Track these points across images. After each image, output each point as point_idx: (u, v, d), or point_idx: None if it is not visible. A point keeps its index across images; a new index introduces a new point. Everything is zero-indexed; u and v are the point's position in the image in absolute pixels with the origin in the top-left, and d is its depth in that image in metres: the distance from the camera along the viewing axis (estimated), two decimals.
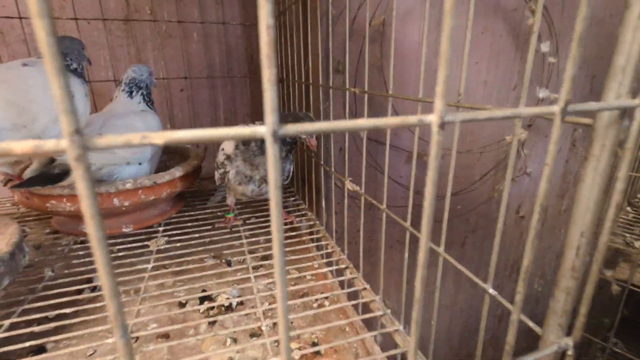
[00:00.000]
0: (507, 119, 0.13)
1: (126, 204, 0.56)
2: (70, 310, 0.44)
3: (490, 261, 0.26)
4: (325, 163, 0.66)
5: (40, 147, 0.08)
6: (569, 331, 0.21)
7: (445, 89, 0.12)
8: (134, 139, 0.09)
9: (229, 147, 0.64)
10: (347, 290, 0.52)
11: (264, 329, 0.43)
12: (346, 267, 0.55)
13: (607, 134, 0.16)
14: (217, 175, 0.66)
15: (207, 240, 0.62)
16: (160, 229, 0.65)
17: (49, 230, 0.67)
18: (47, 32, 0.07)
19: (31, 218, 0.71)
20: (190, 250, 0.59)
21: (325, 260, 0.60)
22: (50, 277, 0.52)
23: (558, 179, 1.18)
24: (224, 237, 0.64)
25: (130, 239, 0.61)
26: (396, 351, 0.40)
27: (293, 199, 0.83)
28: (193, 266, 0.55)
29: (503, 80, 1.03)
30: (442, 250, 0.32)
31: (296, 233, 0.67)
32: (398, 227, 0.97)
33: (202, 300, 0.50)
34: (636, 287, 0.91)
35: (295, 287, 0.54)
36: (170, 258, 0.57)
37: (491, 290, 0.26)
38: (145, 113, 0.66)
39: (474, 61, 0.98)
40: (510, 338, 0.17)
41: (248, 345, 0.43)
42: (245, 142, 0.60)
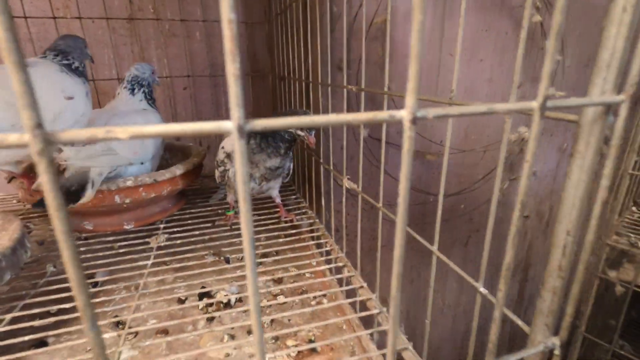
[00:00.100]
0: (483, 115, 0.13)
1: (127, 201, 0.57)
2: (71, 305, 0.45)
3: (482, 259, 0.26)
4: (325, 161, 0.66)
5: (3, 140, 0.09)
6: (558, 331, 0.20)
7: (417, 85, 0.12)
8: (99, 133, 0.09)
9: (229, 145, 0.64)
10: (345, 288, 0.52)
11: None
12: (344, 266, 0.55)
13: (592, 131, 0.16)
14: (217, 173, 0.66)
15: (207, 237, 0.63)
16: (161, 226, 0.66)
17: (52, 227, 0.68)
18: (4, 28, 0.07)
19: (36, 215, 0.73)
20: (191, 247, 0.60)
21: (324, 258, 0.60)
22: (52, 272, 0.53)
23: (563, 177, 1.17)
24: (224, 234, 0.64)
25: (131, 235, 0.62)
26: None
27: (294, 197, 0.83)
28: (193, 263, 0.56)
29: (508, 78, 1.01)
30: (435, 248, 0.32)
31: (296, 231, 0.67)
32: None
33: (201, 297, 0.51)
34: None
35: (294, 285, 0.54)
36: (170, 255, 0.57)
37: (482, 289, 0.26)
38: (146, 112, 0.67)
39: (478, 59, 0.97)
40: (493, 337, 0.17)
41: (245, 342, 0.43)
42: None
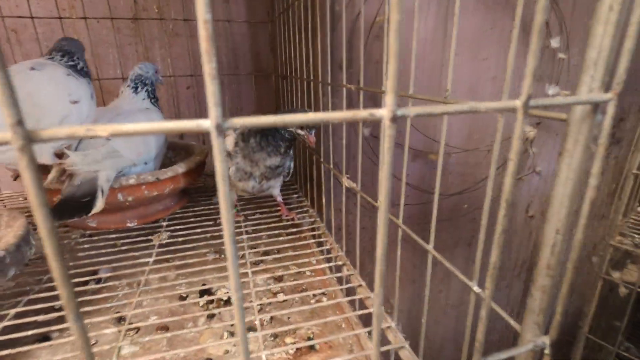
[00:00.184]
0: (464, 114, 0.13)
1: (130, 199, 0.58)
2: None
3: (475, 258, 0.26)
4: (326, 160, 0.66)
5: None
6: (548, 330, 0.20)
7: (396, 84, 0.12)
8: (79, 131, 0.09)
9: (229, 143, 0.64)
10: (344, 287, 0.52)
11: (256, 323, 0.44)
12: (343, 264, 0.56)
13: (580, 129, 0.16)
14: None
15: (209, 235, 0.63)
16: (164, 223, 0.67)
17: (58, 224, 0.69)
18: None
19: None
20: (192, 245, 0.60)
21: (325, 257, 0.60)
22: None
23: None
24: None
25: (134, 233, 0.63)
26: (388, 347, 0.40)
27: (296, 195, 0.83)
28: (194, 260, 0.56)
29: (513, 77, 1.00)
30: (431, 247, 0.32)
31: (297, 230, 0.68)
32: (397, 226, 0.97)
33: (202, 294, 0.51)
34: None
35: (294, 283, 0.54)
36: (172, 252, 0.58)
37: (475, 288, 0.26)
38: (149, 111, 0.67)
39: (482, 57, 0.96)
40: (480, 335, 0.17)
41: None
42: (244, 139, 0.61)
